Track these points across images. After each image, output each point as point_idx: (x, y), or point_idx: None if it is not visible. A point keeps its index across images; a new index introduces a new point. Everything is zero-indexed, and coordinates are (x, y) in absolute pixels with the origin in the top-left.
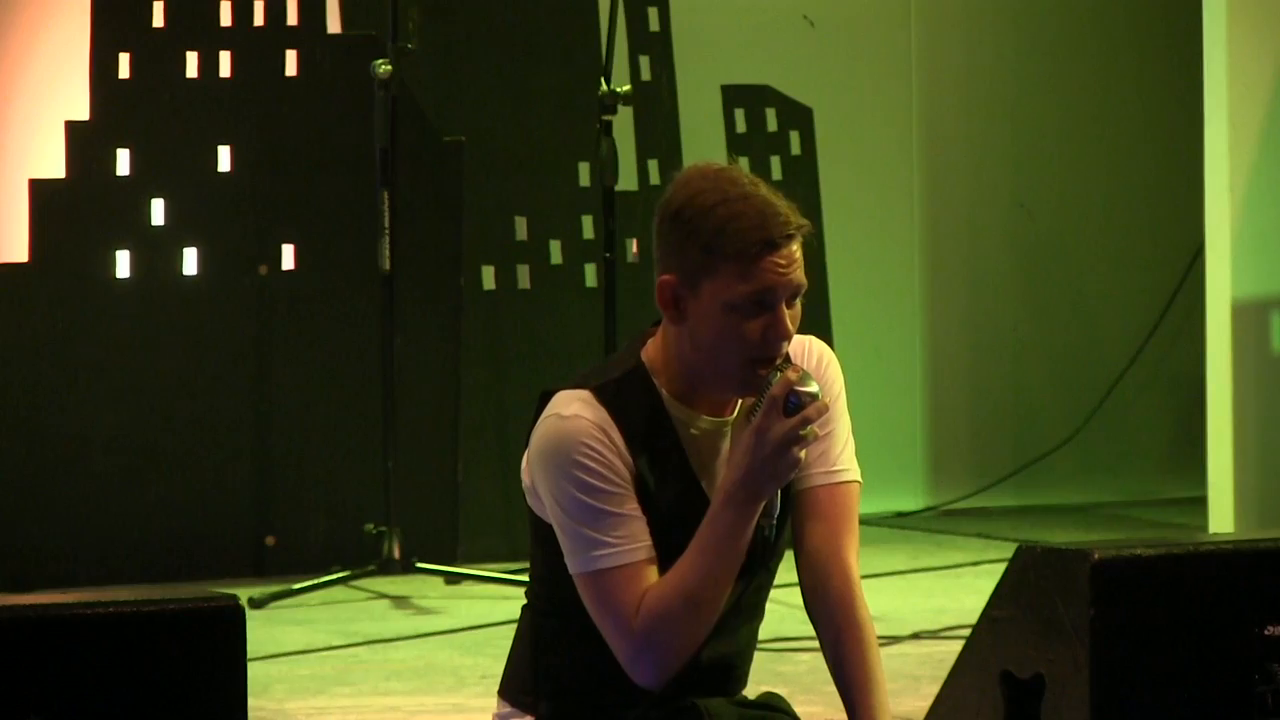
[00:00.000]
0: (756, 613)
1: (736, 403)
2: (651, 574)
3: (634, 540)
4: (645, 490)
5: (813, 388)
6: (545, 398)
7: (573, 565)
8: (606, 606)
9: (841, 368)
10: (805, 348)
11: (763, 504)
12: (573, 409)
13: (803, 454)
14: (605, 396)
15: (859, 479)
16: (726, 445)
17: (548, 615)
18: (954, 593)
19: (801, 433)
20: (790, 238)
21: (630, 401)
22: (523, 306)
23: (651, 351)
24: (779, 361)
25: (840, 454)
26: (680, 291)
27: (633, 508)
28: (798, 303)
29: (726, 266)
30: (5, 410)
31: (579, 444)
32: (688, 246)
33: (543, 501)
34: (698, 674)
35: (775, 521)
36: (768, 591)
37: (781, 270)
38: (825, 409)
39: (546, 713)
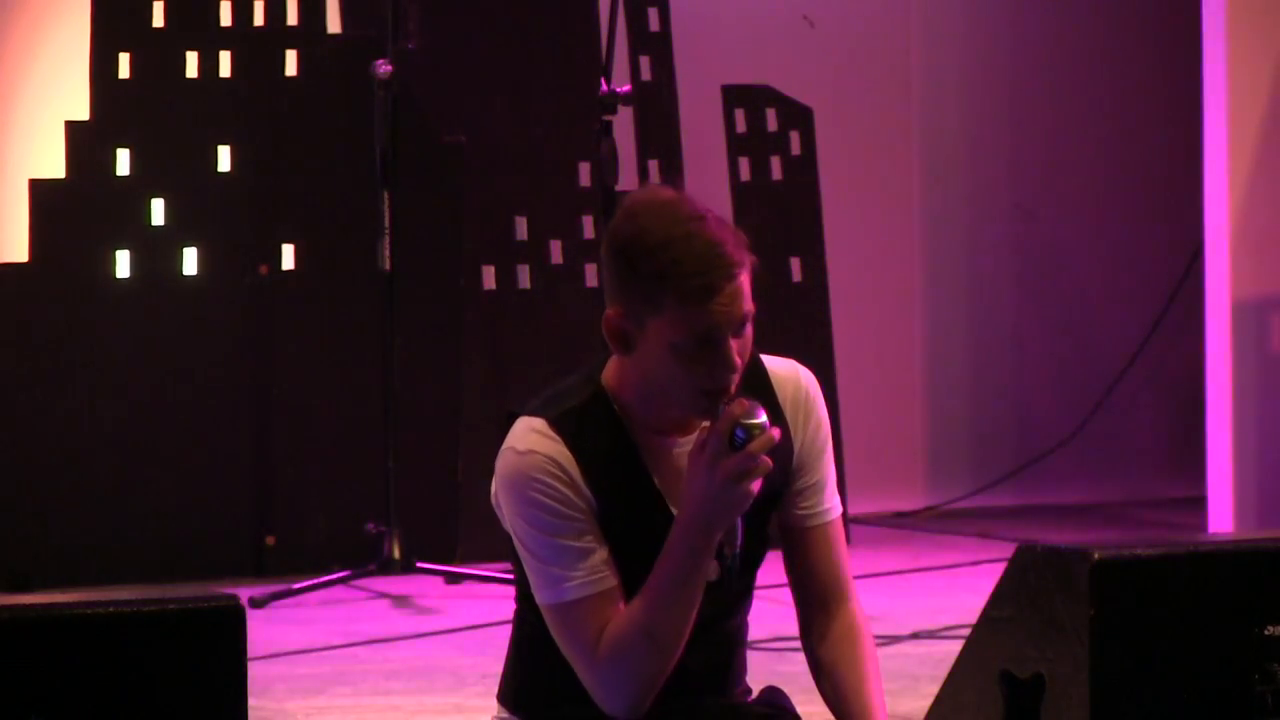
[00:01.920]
0: (741, 610)
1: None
2: (614, 604)
3: (593, 573)
4: (613, 519)
5: (758, 419)
6: (511, 419)
7: (536, 597)
8: (569, 638)
9: (841, 368)
10: (795, 378)
11: (718, 536)
12: (528, 443)
13: (754, 486)
14: (563, 428)
15: (841, 509)
16: None
17: (536, 622)
18: (953, 592)
19: (751, 466)
20: (732, 277)
21: (590, 430)
22: (523, 306)
23: (610, 375)
24: (729, 393)
25: (827, 491)
26: (626, 326)
27: (591, 540)
28: (747, 329)
29: (669, 308)
30: (5, 410)
31: (532, 480)
32: (632, 285)
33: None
34: (686, 677)
35: (739, 550)
36: (749, 591)
37: (724, 309)
38: (772, 441)
39: (542, 718)
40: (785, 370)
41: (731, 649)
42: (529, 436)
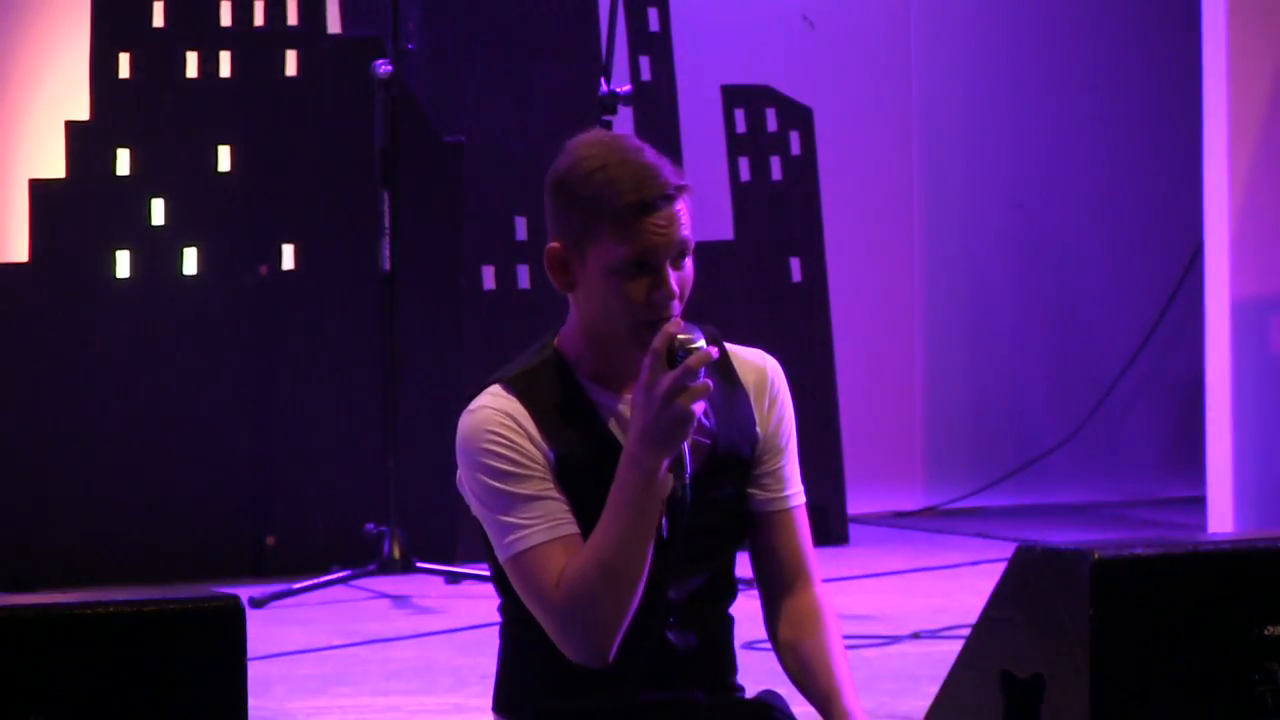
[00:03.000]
0: (720, 595)
1: None
2: (572, 551)
3: (549, 518)
4: (572, 470)
5: (694, 337)
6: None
7: (498, 554)
8: (529, 587)
9: (841, 367)
10: (761, 365)
11: (664, 462)
12: (479, 402)
13: (694, 404)
14: (515, 386)
15: (804, 499)
16: None
17: (519, 616)
18: (954, 592)
19: (690, 384)
20: (668, 198)
21: (543, 388)
22: (523, 306)
23: (563, 339)
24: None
25: (791, 479)
26: (567, 257)
27: (545, 488)
28: (687, 263)
29: (606, 230)
30: (5, 409)
31: (484, 432)
32: (570, 213)
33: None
34: (674, 664)
35: (688, 482)
36: (727, 579)
37: (660, 230)
38: (708, 357)
39: (534, 717)
40: (751, 356)
41: (718, 639)
42: (482, 398)
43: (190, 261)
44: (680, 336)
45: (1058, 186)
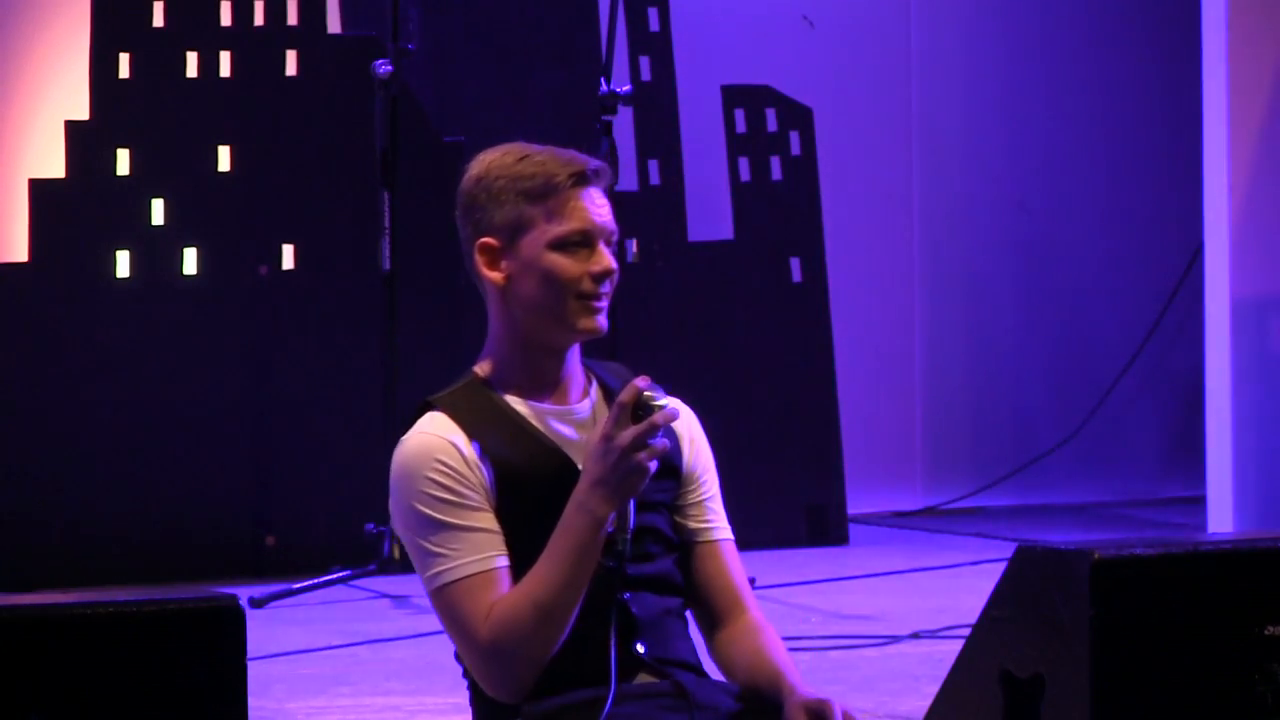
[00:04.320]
0: (670, 601)
1: (581, 391)
2: (502, 585)
3: (479, 551)
4: (514, 484)
5: (656, 395)
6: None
7: (425, 583)
8: (454, 620)
9: (841, 367)
10: (678, 404)
11: (611, 513)
12: (416, 429)
13: (651, 461)
14: (447, 407)
15: (732, 536)
16: (584, 433)
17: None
18: (954, 592)
19: (650, 438)
20: (596, 174)
21: (477, 410)
22: None
23: (482, 365)
24: (605, 303)
25: (717, 511)
26: (501, 251)
27: (481, 519)
28: (610, 254)
29: (541, 210)
30: (5, 410)
31: (428, 459)
32: (501, 205)
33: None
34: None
35: (629, 535)
36: (679, 592)
37: (595, 207)
38: (672, 417)
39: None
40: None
41: (673, 637)
42: (419, 425)
43: (190, 261)
44: (646, 393)
45: (1058, 186)
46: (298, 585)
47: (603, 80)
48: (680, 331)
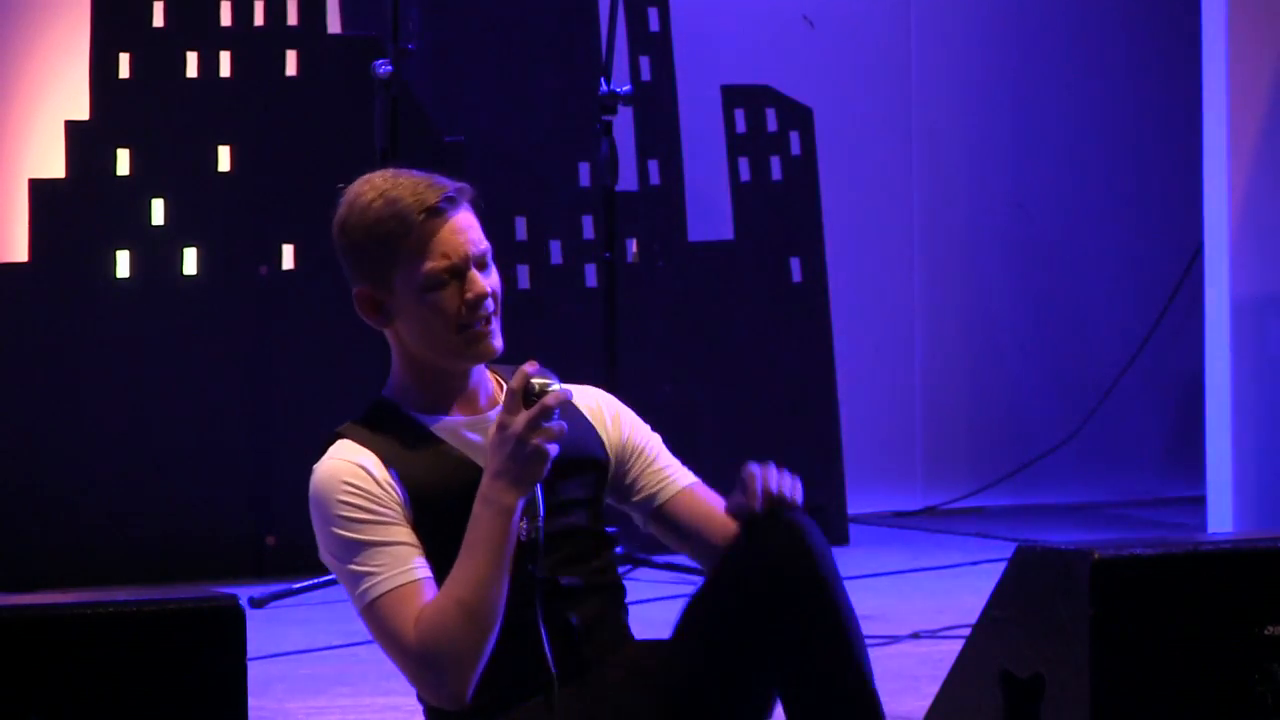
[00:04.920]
0: (604, 587)
1: (489, 398)
2: (424, 594)
3: (401, 564)
4: (430, 500)
5: (549, 380)
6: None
7: (354, 603)
8: (384, 633)
9: (841, 368)
10: (593, 391)
11: (519, 501)
12: (325, 457)
13: (549, 445)
14: (356, 435)
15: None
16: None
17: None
18: (954, 592)
19: (545, 424)
20: (452, 201)
21: (385, 432)
22: (523, 306)
23: (388, 389)
24: (488, 324)
25: (673, 465)
26: (377, 296)
27: (398, 534)
28: (495, 272)
29: (404, 251)
30: (5, 410)
31: (336, 482)
32: (364, 250)
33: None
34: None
35: (541, 522)
36: (606, 573)
37: (454, 235)
38: (563, 399)
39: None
40: (583, 388)
41: (603, 612)
42: (328, 453)
43: (190, 261)
44: (536, 380)
45: (1058, 186)
46: (298, 585)
47: (603, 80)
48: (680, 331)
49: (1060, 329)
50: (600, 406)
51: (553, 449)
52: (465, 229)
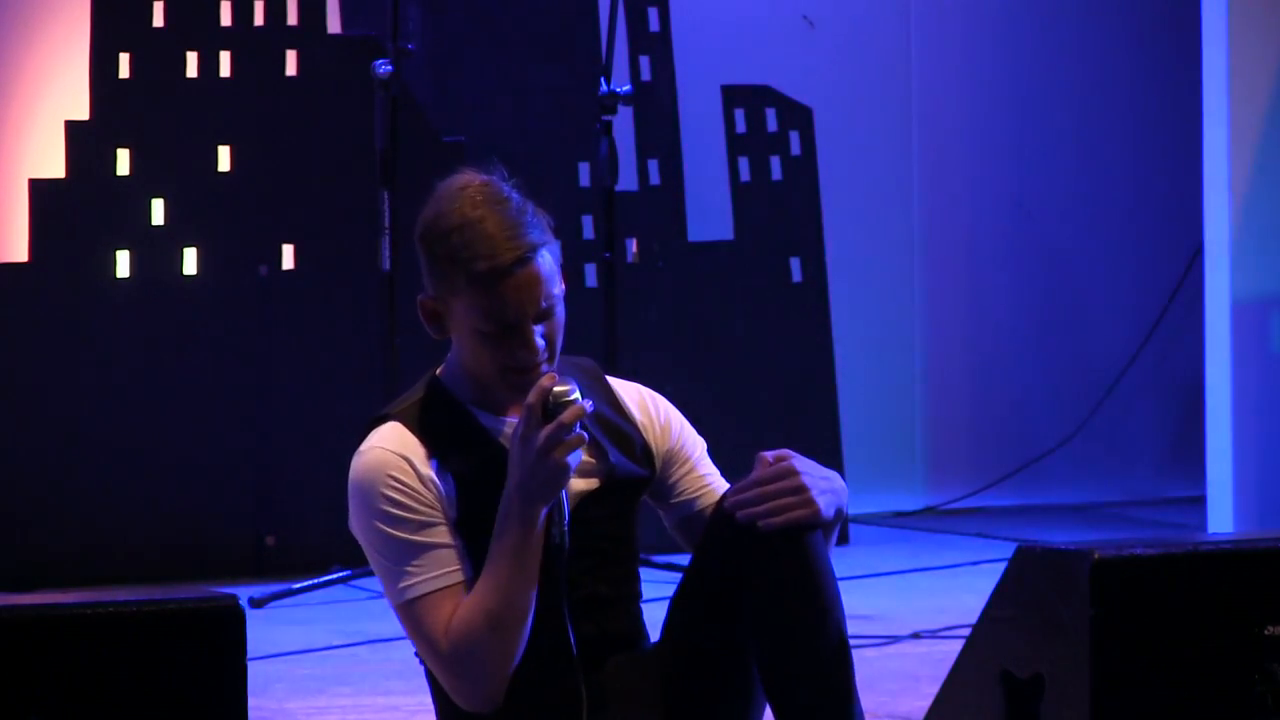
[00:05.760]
0: (624, 599)
1: None
2: (459, 599)
3: (439, 567)
4: (474, 493)
5: (567, 390)
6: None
7: (389, 600)
8: (419, 635)
9: (841, 367)
10: (638, 389)
11: (542, 511)
12: (370, 442)
13: (569, 457)
14: (405, 419)
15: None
16: None
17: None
18: (954, 592)
19: (565, 438)
20: (524, 260)
21: (434, 420)
22: None
23: (445, 372)
24: (538, 371)
25: (715, 473)
26: (437, 308)
27: (437, 535)
28: (556, 313)
29: (465, 292)
30: (5, 410)
31: (381, 475)
32: (434, 268)
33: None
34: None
35: (566, 528)
36: (628, 594)
37: (517, 294)
38: (583, 412)
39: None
40: (629, 386)
41: (626, 621)
42: (373, 438)
43: (190, 261)
44: (556, 390)
45: (1058, 186)
46: (298, 585)
47: (602, 80)
48: (680, 331)
49: (1060, 329)
50: (650, 414)
51: (574, 459)
52: (530, 285)
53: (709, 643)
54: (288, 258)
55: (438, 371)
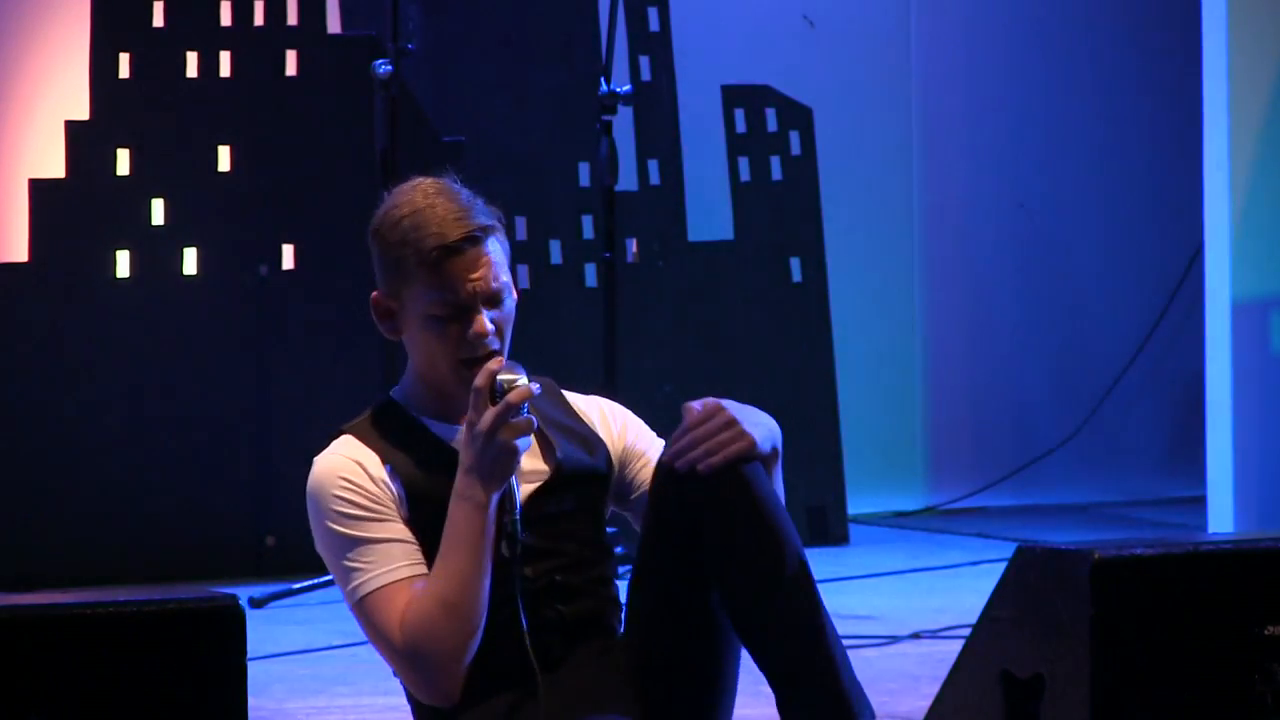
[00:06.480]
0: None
1: None
2: (413, 592)
3: (391, 561)
4: (425, 503)
5: (515, 376)
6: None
7: (346, 599)
8: (374, 630)
9: (841, 367)
10: (595, 399)
11: (493, 497)
12: (325, 453)
13: (518, 440)
14: (359, 433)
15: None
16: None
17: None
18: (954, 592)
19: (512, 419)
20: (473, 239)
21: (387, 432)
22: (523, 306)
23: (398, 390)
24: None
25: None
26: (389, 305)
27: (392, 531)
28: (506, 302)
29: (416, 277)
30: (4, 410)
31: (333, 477)
32: (385, 261)
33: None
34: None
35: (518, 516)
36: (601, 580)
37: (468, 275)
38: (529, 393)
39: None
40: (587, 398)
41: (592, 617)
42: (328, 449)
43: (190, 261)
44: (502, 376)
45: (1058, 186)
46: (298, 585)
47: (603, 80)
48: (680, 331)
49: (1060, 329)
50: (607, 418)
51: (522, 443)
52: (480, 267)
53: (674, 605)
54: (288, 258)
55: (392, 393)
